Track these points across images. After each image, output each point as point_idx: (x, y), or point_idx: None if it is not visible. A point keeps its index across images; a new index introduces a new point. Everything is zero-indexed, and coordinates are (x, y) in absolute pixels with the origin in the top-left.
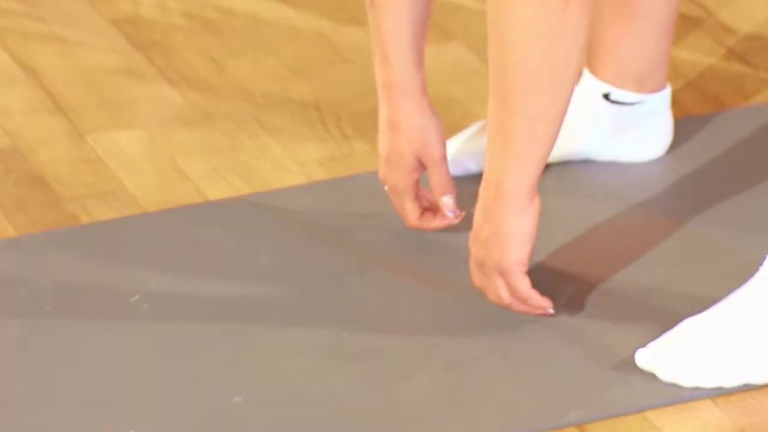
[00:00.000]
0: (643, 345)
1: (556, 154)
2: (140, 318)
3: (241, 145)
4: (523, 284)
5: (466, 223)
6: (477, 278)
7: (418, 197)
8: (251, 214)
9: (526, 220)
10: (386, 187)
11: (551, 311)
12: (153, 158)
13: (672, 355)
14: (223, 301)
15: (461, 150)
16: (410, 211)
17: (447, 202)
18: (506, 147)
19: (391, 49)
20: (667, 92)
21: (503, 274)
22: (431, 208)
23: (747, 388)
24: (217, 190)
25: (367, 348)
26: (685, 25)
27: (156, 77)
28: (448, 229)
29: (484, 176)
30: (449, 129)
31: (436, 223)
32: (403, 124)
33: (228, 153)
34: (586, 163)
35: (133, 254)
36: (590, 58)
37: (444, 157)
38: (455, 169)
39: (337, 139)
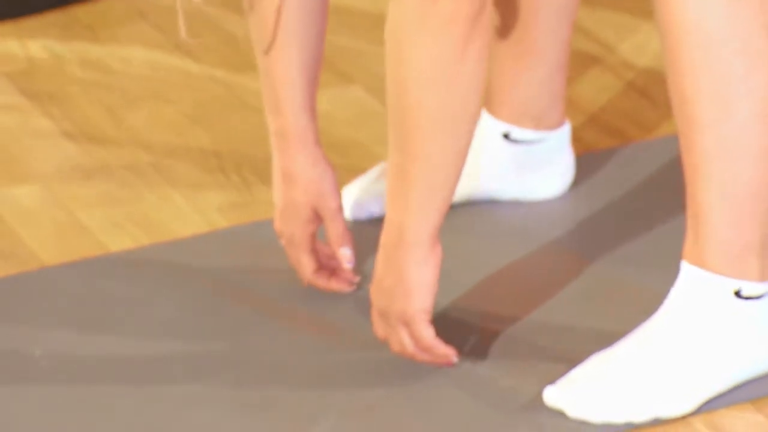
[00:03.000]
0: (551, 383)
1: (460, 194)
2: (41, 374)
3: (140, 196)
4: (427, 333)
5: (367, 273)
6: (380, 328)
7: (314, 251)
8: (152, 264)
9: (428, 269)
10: (282, 240)
11: (455, 360)
12: (51, 211)
13: (580, 392)
14: (125, 354)
15: (364, 193)
16: (306, 265)
17: (345, 253)
18: (407, 195)
19: (284, 99)
20: (566, 129)
21: (407, 323)
22: (328, 266)
23: (656, 423)
24: (118, 242)
25: (269, 396)
26: (585, 61)
27: (52, 129)
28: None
29: (385, 224)
30: (352, 172)
31: (332, 284)
32: (297, 175)
33: (128, 204)
34: (489, 202)
35: (33, 309)
36: (488, 99)
37: (340, 208)
38: (359, 213)
39: (238, 186)
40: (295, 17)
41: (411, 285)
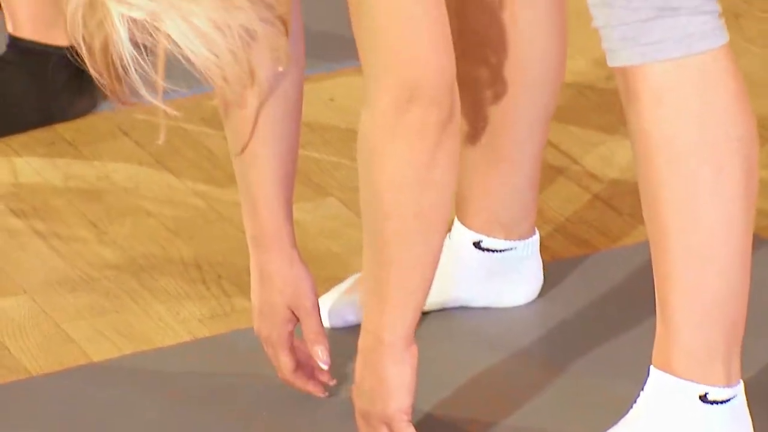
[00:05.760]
0: None
1: (432, 301)
2: None
3: (124, 306)
4: None
5: (344, 378)
6: (364, 430)
7: (292, 350)
8: (135, 372)
9: (405, 369)
10: (261, 340)
11: None
12: (37, 323)
13: None
14: None
15: (340, 301)
16: (284, 364)
17: (319, 353)
18: (382, 298)
19: (260, 203)
20: (535, 238)
21: (388, 424)
22: (307, 365)
23: None
24: (102, 351)
25: None
26: (551, 172)
27: (38, 243)
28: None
29: (362, 327)
30: (328, 282)
31: (309, 386)
32: (274, 275)
33: (111, 314)
34: (461, 309)
35: (19, 418)
36: (459, 208)
37: (315, 307)
38: (335, 321)
39: (218, 296)
40: (270, 123)
41: (389, 385)
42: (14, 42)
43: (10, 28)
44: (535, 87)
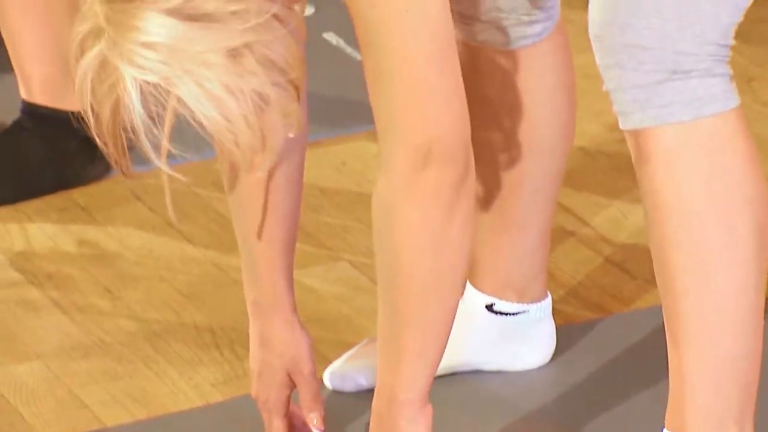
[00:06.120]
0: None
1: (444, 365)
2: None
3: (137, 371)
4: None
5: None
6: None
7: (288, 415)
8: None
9: (419, 429)
10: (258, 404)
11: None
12: (51, 389)
13: None
14: None
15: (352, 366)
16: (277, 429)
17: (314, 420)
18: (397, 357)
19: (262, 267)
20: (548, 301)
21: None
22: (303, 431)
23: None
24: (115, 417)
25: None
26: (563, 235)
27: (52, 308)
28: None
29: (377, 387)
30: (339, 345)
31: None
32: (274, 339)
33: (125, 379)
34: (473, 373)
35: None
36: (471, 271)
37: (313, 374)
38: (347, 385)
39: (230, 361)
40: (274, 190)
41: None
42: (28, 108)
43: (23, 94)
44: (544, 150)
